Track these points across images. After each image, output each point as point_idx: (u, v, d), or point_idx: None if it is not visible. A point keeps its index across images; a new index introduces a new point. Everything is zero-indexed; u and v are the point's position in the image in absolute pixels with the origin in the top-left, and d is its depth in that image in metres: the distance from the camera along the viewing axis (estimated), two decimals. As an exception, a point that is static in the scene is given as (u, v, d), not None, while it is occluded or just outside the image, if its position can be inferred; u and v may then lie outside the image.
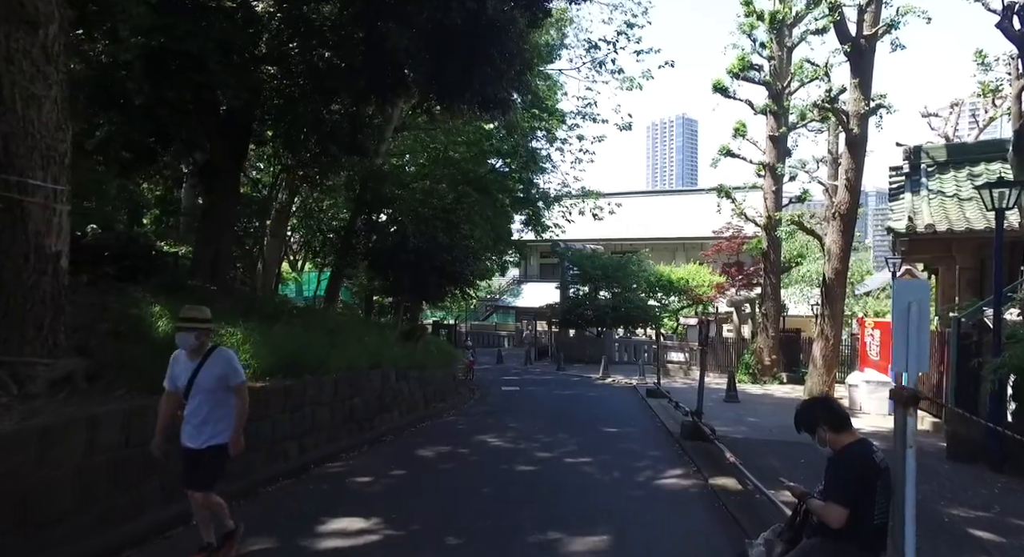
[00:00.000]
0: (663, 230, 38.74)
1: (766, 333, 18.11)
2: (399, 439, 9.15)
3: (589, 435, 9.42)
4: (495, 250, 27.65)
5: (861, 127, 13.65)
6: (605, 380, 19.96)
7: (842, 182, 14.29)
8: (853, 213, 14.31)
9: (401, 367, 11.34)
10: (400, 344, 13.32)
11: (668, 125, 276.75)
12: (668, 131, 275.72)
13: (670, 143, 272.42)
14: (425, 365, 12.77)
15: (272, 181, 15.36)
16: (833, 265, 14.54)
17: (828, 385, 14.77)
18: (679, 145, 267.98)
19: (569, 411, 12.48)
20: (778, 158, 17.93)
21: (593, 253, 28.73)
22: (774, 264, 18.05)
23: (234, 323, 7.40)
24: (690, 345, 21.82)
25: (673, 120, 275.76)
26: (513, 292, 44.87)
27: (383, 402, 10.11)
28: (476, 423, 10.83)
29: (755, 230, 24.77)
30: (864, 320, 14.18)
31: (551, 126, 20.53)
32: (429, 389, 12.68)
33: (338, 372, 8.76)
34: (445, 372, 14.57)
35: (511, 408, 13.30)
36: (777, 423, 10.77)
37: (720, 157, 18.51)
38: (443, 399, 13.56)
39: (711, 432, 7.85)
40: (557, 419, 11.29)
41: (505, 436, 9.27)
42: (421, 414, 11.39)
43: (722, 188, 18.73)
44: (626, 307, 25.90)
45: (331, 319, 12.50)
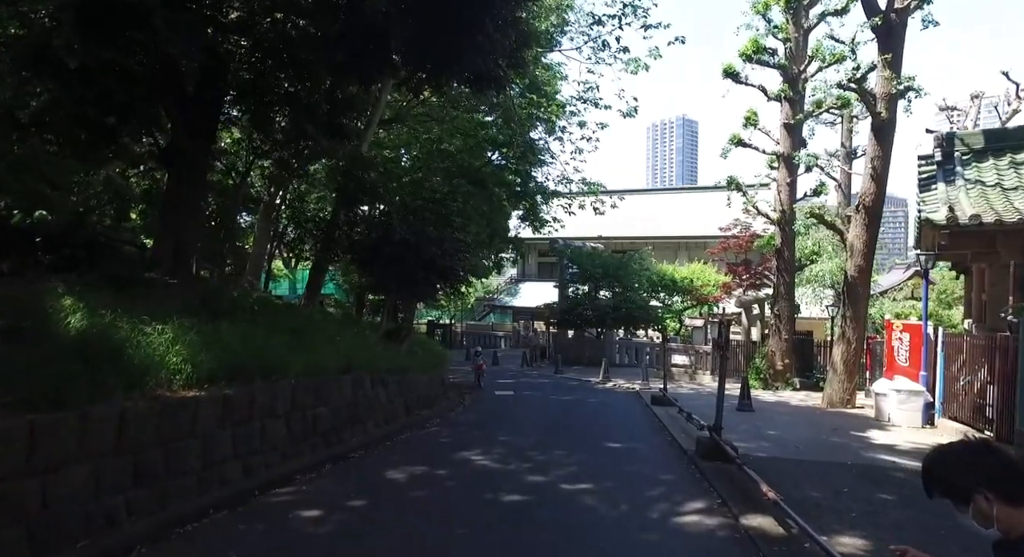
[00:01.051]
0: (665, 228, 37.62)
1: (779, 335, 16.90)
2: (370, 456, 7.92)
3: (590, 452, 8.19)
4: (491, 247, 26.47)
5: (890, 110, 12.45)
6: (606, 384, 18.73)
7: (867, 171, 13.09)
8: (879, 205, 13.11)
9: (379, 371, 10.11)
10: (382, 345, 12.12)
11: (668, 126, 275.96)
12: (668, 132, 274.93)
13: (670, 144, 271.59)
14: (407, 368, 11.54)
15: (245, 167, 14.08)
16: (856, 262, 13.33)
17: (849, 393, 13.57)
18: (679, 146, 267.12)
19: (567, 421, 11.26)
20: (793, 147, 16.71)
21: (593, 251, 27.49)
22: (788, 262, 16.83)
23: (166, 320, 6.16)
24: (696, 348, 20.61)
25: (673, 121, 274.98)
26: (510, 291, 43.67)
27: (355, 412, 8.88)
28: (462, 436, 9.60)
29: (764, 227, 23.62)
30: (891, 322, 12.97)
31: (550, 114, 19.28)
32: (412, 395, 11.45)
33: (299, 378, 7.53)
34: (432, 376, 13.34)
35: (503, 416, 12.07)
36: (801, 437, 9.56)
37: (731, 147, 17.27)
38: (428, 406, 12.33)
39: (735, 454, 6.63)
40: (554, 431, 10.06)
41: (493, 453, 8.04)
42: (401, 424, 10.15)
43: (732, 181, 17.51)
44: (627, 307, 24.64)
45: (304, 317, 11.26)
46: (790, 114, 16.56)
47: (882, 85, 12.38)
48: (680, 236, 36.95)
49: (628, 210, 41.64)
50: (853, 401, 13.62)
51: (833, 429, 10.44)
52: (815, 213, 14.15)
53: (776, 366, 16.99)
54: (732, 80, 17.02)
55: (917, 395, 10.99)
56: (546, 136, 22.12)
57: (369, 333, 12.51)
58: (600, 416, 12.01)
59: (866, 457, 8.08)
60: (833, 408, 13.46)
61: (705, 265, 28.62)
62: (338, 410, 8.36)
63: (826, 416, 12.37)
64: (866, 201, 13.08)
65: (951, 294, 23.78)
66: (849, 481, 6.61)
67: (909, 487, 6.30)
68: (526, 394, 16.34)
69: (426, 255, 14.38)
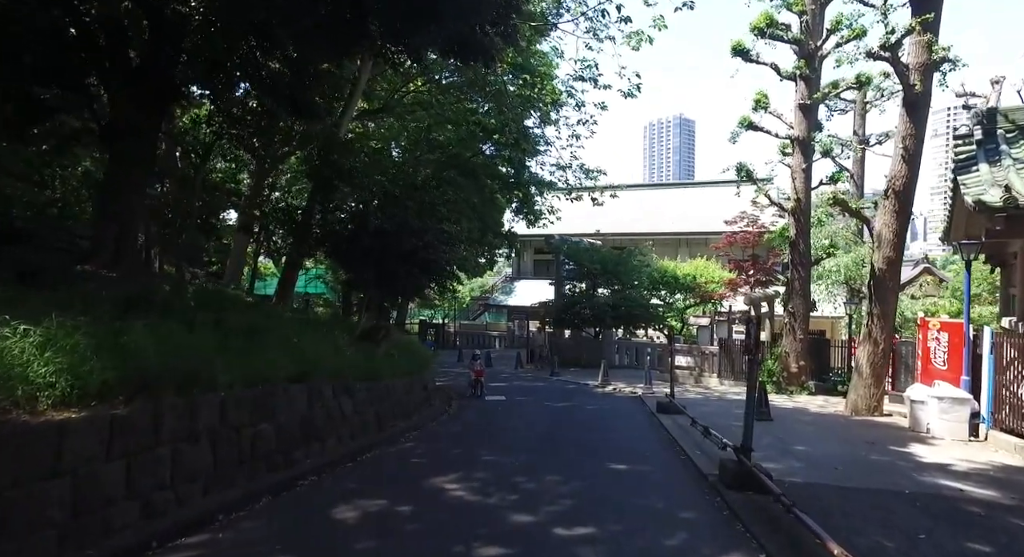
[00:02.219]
0: (665, 225, 36.35)
1: (793, 335, 15.53)
2: (322, 483, 6.51)
3: (589, 478, 6.80)
4: (482, 242, 25.05)
5: (924, 82, 11.10)
6: (605, 388, 17.36)
7: (897, 152, 11.73)
8: (911, 189, 11.75)
9: (344, 378, 8.71)
10: (356, 348, 10.72)
11: (665, 125, 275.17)
12: (665, 131, 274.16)
13: (667, 143, 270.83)
14: (381, 374, 10.13)
15: (204, 150, 12.62)
16: (884, 253, 11.98)
17: (877, 399, 12.21)
18: (676, 145, 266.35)
19: (563, 434, 9.87)
20: (809, 131, 15.35)
21: (591, 247, 26.10)
22: (803, 255, 15.47)
23: (39, 320, 4.74)
24: (701, 349, 19.22)
25: (670, 120, 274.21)
26: (505, 290, 42.30)
27: (311, 427, 7.47)
28: (439, 453, 8.20)
29: (773, 220, 22.25)
30: (927, 321, 11.61)
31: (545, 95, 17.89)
32: (386, 405, 10.04)
33: (234, 389, 6.13)
34: (412, 381, 11.93)
35: (490, 428, 10.68)
36: (837, 454, 8.19)
37: (741, 130, 15.92)
38: (407, 416, 10.92)
39: (779, 490, 5.24)
40: (547, 447, 8.67)
41: (472, 478, 6.64)
42: (370, 440, 8.74)
43: (742, 167, 16.14)
44: (627, 306, 23.24)
45: (263, 317, 9.83)
46: (805, 93, 15.20)
47: (916, 53, 11.03)
48: (681, 232, 35.66)
49: (626, 206, 40.37)
50: (880, 408, 12.27)
51: (869, 443, 9.07)
52: (838, 199, 12.79)
53: (790, 368, 15.63)
54: (742, 58, 15.69)
55: (962, 403, 9.62)
56: (540, 123, 20.73)
57: (339, 334, 11.10)
58: (600, 428, 10.62)
59: (924, 483, 6.70)
60: (859, 416, 12.10)
61: (709, 261, 27.28)
62: (287, 426, 6.95)
63: (854, 426, 11.00)
64: (896, 185, 11.72)
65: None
66: (920, 520, 5.23)
67: (1002, 531, 4.94)
68: (519, 400, 14.95)
69: (406, 247, 13.00)
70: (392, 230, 12.73)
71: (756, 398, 11.53)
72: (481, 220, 23.01)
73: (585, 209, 40.36)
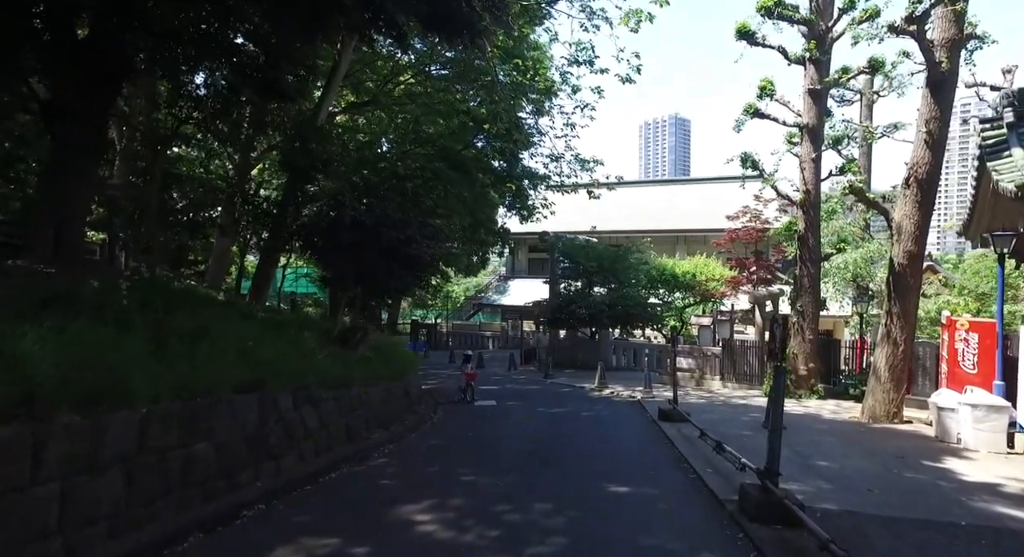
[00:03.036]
0: (662, 222, 35.41)
1: (802, 335, 14.56)
2: (270, 514, 5.49)
3: (585, 506, 5.80)
4: (473, 239, 24.03)
5: (952, 59, 10.14)
6: (602, 392, 16.38)
7: (919, 136, 10.78)
8: (935, 177, 10.81)
9: (308, 386, 7.69)
10: (328, 351, 9.71)
11: (661, 124, 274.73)
12: (661, 130, 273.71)
13: (663, 142, 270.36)
14: (352, 380, 9.11)
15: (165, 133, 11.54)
16: (905, 246, 11.03)
17: (897, 405, 11.26)
18: (672, 144, 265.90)
19: (555, 447, 8.87)
20: (819, 117, 14.39)
21: (587, 243, 25.09)
22: (813, 250, 14.51)
23: None
24: (703, 350, 18.26)
25: (666, 119, 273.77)
26: (499, 289, 41.30)
27: (264, 444, 6.45)
28: (413, 473, 7.19)
29: (777, 214, 21.32)
30: (954, 320, 10.66)
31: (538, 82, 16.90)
32: (359, 415, 9.02)
33: (160, 402, 5.11)
34: (392, 387, 10.92)
35: (476, 439, 9.67)
36: (865, 472, 7.21)
37: (746, 118, 14.95)
38: (384, 426, 9.90)
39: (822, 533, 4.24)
40: (537, 464, 7.68)
41: (448, 506, 5.64)
42: (338, 456, 7.71)
43: (747, 157, 15.17)
44: (624, 305, 22.22)
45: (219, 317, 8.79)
46: (815, 78, 14.24)
47: (942, 28, 10.09)
48: (679, 229, 34.75)
49: (623, 204, 39.39)
50: (900, 415, 11.32)
51: (898, 457, 8.11)
52: (855, 187, 11.82)
53: (799, 371, 14.66)
54: (747, 41, 14.70)
55: (999, 411, 8.67)
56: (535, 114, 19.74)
57: (311, 336, 10.07)
58: (597, 439, 9.61)
59: (979, 510, 5.73)
60: (877, 423, 11.16)
61: (709, 259, 26.34)
62: (231, 445, 5.93)
63: (875, 435, 10.04)
64: (918, 173, 10.77)
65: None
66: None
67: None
68: (510, 405, 13.95)
69: (386, 242, 11.99)
70: (370, 223, 11.71)
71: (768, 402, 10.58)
72: (472, 216, 22.00)
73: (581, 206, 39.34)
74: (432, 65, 19.23)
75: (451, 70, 19.05)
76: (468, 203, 20.64)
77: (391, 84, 19.38)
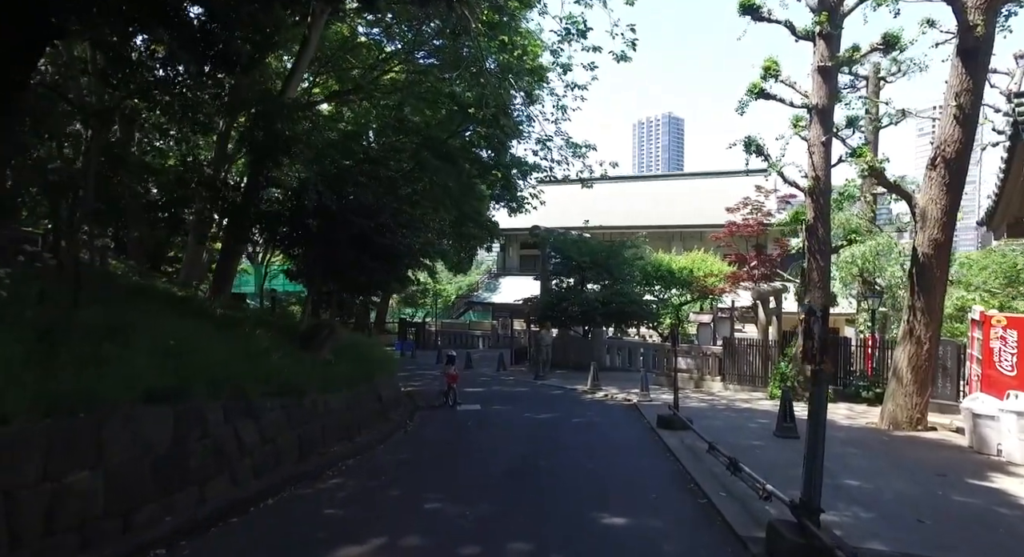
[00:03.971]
0: (656, 218, 34.40)
1: (810, 334, 13.47)
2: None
3: (574, 545, 4.65)
4: (460, 233, 22.85)
5: (987, 23, 9.04)
6: (595, 394, 15.24)
7: (948, 112, 9.68)
8: (965, 156, 9.71)
9: (246, 394, 6.50)
10: (284, 352, 8.53)
11: (654, 123, 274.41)
12: (654, 129, 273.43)
13: (656, 142, 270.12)
14: (309, 386, 7.91)
15: (99, 107, 10.24)
16: (931, 234, 9.94)
17: (921, 410, 10.17)
18: (665, 143, 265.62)
19: (541, 463, 7.71)
20: (829, 97, 13.29)
21: (579, 238, 23.90)
22: (823, 241, 13.40)
23: None
24: (702, 349, 17.15)
25: (659, 118, 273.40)
26: (489, 287, 40.20)
27: (180, 468, 5.25)
28: (367, 497, 6.01)
29: (780, 206, 20.26)
30: (988, 315, 9.58)
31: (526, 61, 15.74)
32: (314, 426, 7.82)
33: (12, 423, 3.91)
34: (357, 393, 9.72)
35: (450, 452, 8.50)
36: (907, 495, 6.08)
37: (750, 99, 13.82)
38: (349, 437, 8.72)
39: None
40: (517, 486, 6.52)
41: (400, 547, 4.48)
42: (284, 475, 6.53)
43: (751, 142, 14.05)
44: (618, 302, 21.06)
45: (140, 314, 7.57)
46: (826, 54, 13.12)
47: (976, -12, 8.98)
48: (674, 225, 33.73)
49: (617, 199, 38.36)
50: (924, 421, 10.23)
51: (939, 475, 7.00)
52: (875, 168, 10.68)
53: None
54: (751, 16, 13.65)
55: (1050, 420, 7.58)
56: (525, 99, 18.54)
57: (265, 336, 8.87)
58: (589, 452, 8.45)
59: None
60: (899, 430, 10.07)
61: (707, 254, 25.28)
62: (130, 472, 4.73)
63: (902, 446, 8.94)
64: (946, 152, 9.67)
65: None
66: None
67: None
68: (495, 410, 12.80)
69: (355, 230, 10.78)
70: (337, 209, 10.50)
71: (780, 409, 9.47)
72: (458, 208, 20.83)
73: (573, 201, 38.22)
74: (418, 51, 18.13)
75: (439, 59, 17.96)
76: (454, 194, 19.48)
77: (376, 71, 18.26)
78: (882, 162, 10.90)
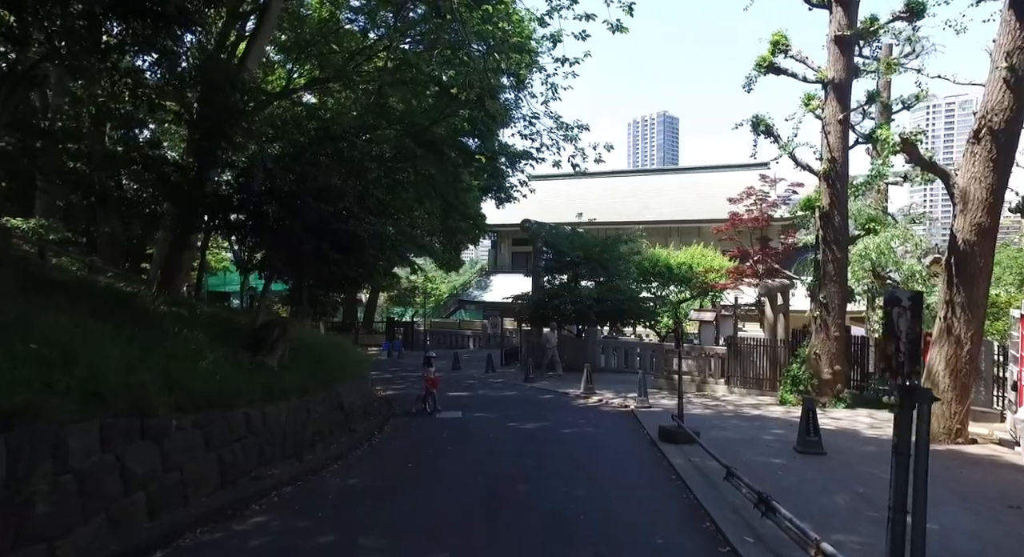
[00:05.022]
0: (652, 213, 33.15)
1: (825, 332, 12.16)
2: None
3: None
4: (445, 226, 21.47)
5: (1044, -32, 7.73)
6: (588, 399, 13.91)
7: (996, 74, 8.37)
8: (1016, 127, 8.39)
9: (143, 409, 5.11)
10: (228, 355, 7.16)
11: (649, 122, 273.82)
12: (649, 128, 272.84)
13: (651, 140, 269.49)
14: (239, 396, 6.51)
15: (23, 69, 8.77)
16: (974, 218, 8.63)
17: (961, 421, 8.86)
18: (660, 142, 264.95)
19: (521, 489, 6.35)
20: (846, 71, 11.98)
21: (572, 232, 22.52)
22: (839, 230, 12.09)
23: None
24: (704, 350, 15.83)
25: (654, 117, 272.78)
26: (480, 285, 38.83)
27: (12, 519, 3.85)
28: (290, 547, 4.63)
29: (787, 194, 18.94)
30: (1043, 310, 8.29)
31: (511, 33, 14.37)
32: (244, 445, 6.42)
33: None
34: (307, 403, 8.33)
35: (414, 475, 7.12)
36: (987, 538, 4.74)
37: (758, 74, 12.53)
38: (296, 455, 7.34)
39: None
40: (489, 526, 5.15)
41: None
42: (191, 513, 5.14)
43: (759, 121, 12.74)
44: (613, 299, 19.70)
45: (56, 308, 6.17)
46: (843, 23, 11.82)
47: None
48: (671, 220, 32.51)
49: (611, 194, 37.04)
50: (965, 432, 8.92)
51: (1010, 507, 5.68)
52: (908, 140, 9.25)
53: (822, 374, 12.27)
54: (760, -19, 12.32)
55: None
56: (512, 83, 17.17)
57: (203, 337, 7.46)
58: (579, 477, 7.07)
59: None
60: (936, 443, 8.71)
61: (707, 249, 23.98)
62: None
63: (948, 464, 7.61)
64: (993, 122, 8.36)
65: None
66: None
67: None
68: (477, 418, 11.47)
69: (313, 215, 9.39)
70: (288, 191, 9.11)
71: (803, 418, 8.14)
72: (443, 199, 19.45)
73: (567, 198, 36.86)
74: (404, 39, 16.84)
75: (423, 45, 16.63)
76: (438, 183, 18.10)
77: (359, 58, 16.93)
78: (916, 135, 9.55)
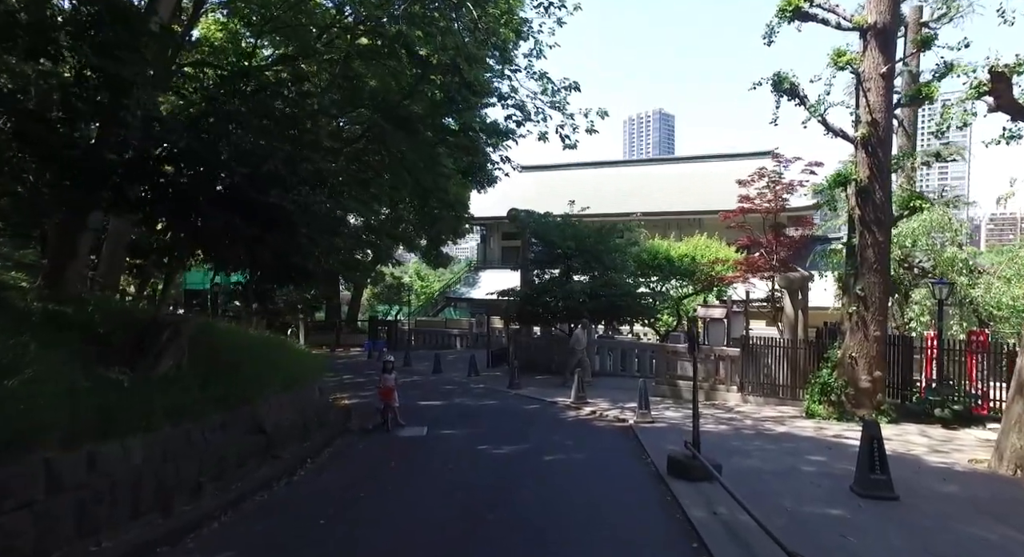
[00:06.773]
0: (650, 204, 31.14)
1: (864, 332, 10.09)
2: None
3: None
4: (423, 212, 19.32)
5: None
6: (580, 410, 11.83)
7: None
8: None
9: None
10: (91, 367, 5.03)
11: (645, 120, 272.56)
12: (645, 126, 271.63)
13: (647, 138, 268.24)
14: (39, 437, 4.36)
15: None
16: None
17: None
18: (656, 140, 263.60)
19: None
20: (891, 14, 9.89)
21: (564, 221, 20.33)
22: (881, 208, 10.00)
23: None
24: (714, 351, 13.74)
25: (650, 115, 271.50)
26: (468, 281, 36.75)
27: None
28: None
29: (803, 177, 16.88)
30: None
31: None
32: (49, 506, 4.30)
33: None
34: (203, 426, 6.20)
35: (319, 541, 4.98)
36: None
37: (781, 20, 10.42)
38: (161, 508, 5.22)
39: None
40: None
41: None
42: None
43: (782, 79, 10.64)
44: (608, 294, 17.53)
45: None
46: (887, -44, 9.74)
47: None
48: (670, 212, 30.54)
49: (608, 185, 34.96)
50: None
51: None
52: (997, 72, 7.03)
53: (859, 382, 10.21)
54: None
55: None
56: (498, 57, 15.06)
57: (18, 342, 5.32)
58: (560, 533, 4.96)
59: None
60: (1028, 476, 6.70)
61: (711, 239, 21.92)
62: None
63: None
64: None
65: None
66: None
67: None
68: (444, 436, 9.38)
69: (225, 183, 7.25)
70: (193, 154, 6.96)
71: (863, 449, 6.05)
72: (418, 183, 17.31)
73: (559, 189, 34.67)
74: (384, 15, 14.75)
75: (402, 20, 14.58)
76: (410, 165, 15.98)
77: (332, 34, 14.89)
78: (1019, 65, 7.41)
